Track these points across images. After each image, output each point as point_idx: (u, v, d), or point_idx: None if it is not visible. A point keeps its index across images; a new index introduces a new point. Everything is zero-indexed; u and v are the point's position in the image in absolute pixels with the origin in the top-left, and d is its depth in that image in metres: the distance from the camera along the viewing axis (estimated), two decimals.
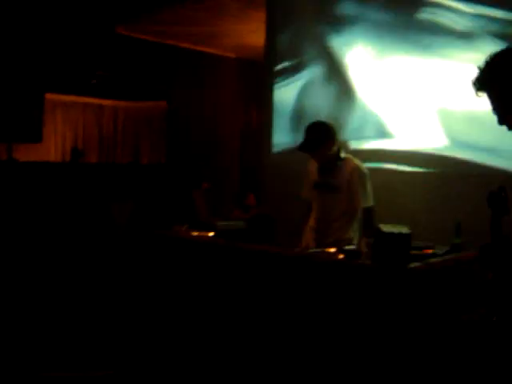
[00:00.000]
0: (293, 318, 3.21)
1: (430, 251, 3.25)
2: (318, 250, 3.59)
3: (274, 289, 3.33)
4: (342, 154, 3.96)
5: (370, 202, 3.86)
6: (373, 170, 4.17)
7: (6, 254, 6.10)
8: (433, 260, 3.12)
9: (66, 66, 10.09)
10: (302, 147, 3.96)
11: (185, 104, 10.73)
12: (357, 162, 3.96)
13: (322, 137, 3.89)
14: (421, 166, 4.87)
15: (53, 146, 11.11)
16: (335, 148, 3.94)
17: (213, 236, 4.06)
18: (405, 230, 2.91)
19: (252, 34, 8.22)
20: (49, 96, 10.64)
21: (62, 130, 11.31)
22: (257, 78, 7.42)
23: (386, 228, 2.92)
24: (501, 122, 2.02)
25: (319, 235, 3.96)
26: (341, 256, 3.22)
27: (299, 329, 3.17)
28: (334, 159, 3.93)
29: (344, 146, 4.31)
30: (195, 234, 4.18)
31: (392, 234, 2.88)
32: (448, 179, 4.68)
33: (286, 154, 5.89)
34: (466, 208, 4.20)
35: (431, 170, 4.83)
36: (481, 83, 2.02)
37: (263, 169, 6.45)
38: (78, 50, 9.59)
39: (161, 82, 10.88)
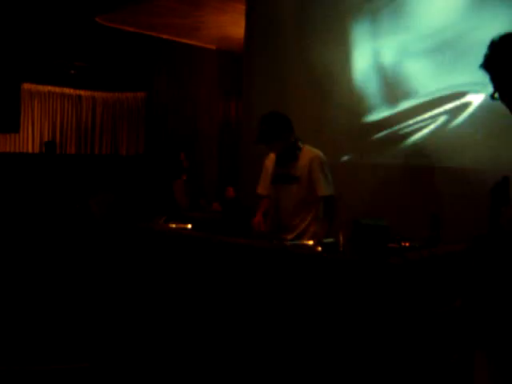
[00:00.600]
0: (273, 310, 3.19)
1: (408, 244, 3.26)
2: (296, 242, 3.58)
3: (253, 281, 3.31)
4: (300, 144, 3.91)
5: (331, 191, 3.79)
6: (350, 165, 4.17)
7: None
8: (411, 253, 3.12)
9: (43, 56, 9.95)
10: (257, 139, 3.92)
11: (164, 95, 10.66)
12: (316, 150, 3.90)
13: (276, 128, 3.84)
14: (397, 160, 4.90)
15: (30, 136, 10.98)
16: (292, 139, 3.89)
17: (190, 228, 4.04)
18: (382, 222, 2.92)
19: (233, 25, 8.18)
20: (26, 86, 10.49)
21: (40, 120, 11.17)
22: (237, 69, 7.39)
23: (364, 221, 2.92)
24: (503, 100, 2.02)
25: (281, 227, 3.91)
26: (319, 248, 3.21)
27: (279, 322, 3.16)
28: (292, 150, 3.88)
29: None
30: (173, 226, 4.15)
31: (370, 226, 2.88)
32: (424, 172, 4.71)
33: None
34: (442, 200, 4.22)
35: (407, 164, 4.85)
36: (486, 63, 2.02)
37: (242, 162, 6.43)
38: (57, 39, 9.46)
39: (140, 72, 10.78)
